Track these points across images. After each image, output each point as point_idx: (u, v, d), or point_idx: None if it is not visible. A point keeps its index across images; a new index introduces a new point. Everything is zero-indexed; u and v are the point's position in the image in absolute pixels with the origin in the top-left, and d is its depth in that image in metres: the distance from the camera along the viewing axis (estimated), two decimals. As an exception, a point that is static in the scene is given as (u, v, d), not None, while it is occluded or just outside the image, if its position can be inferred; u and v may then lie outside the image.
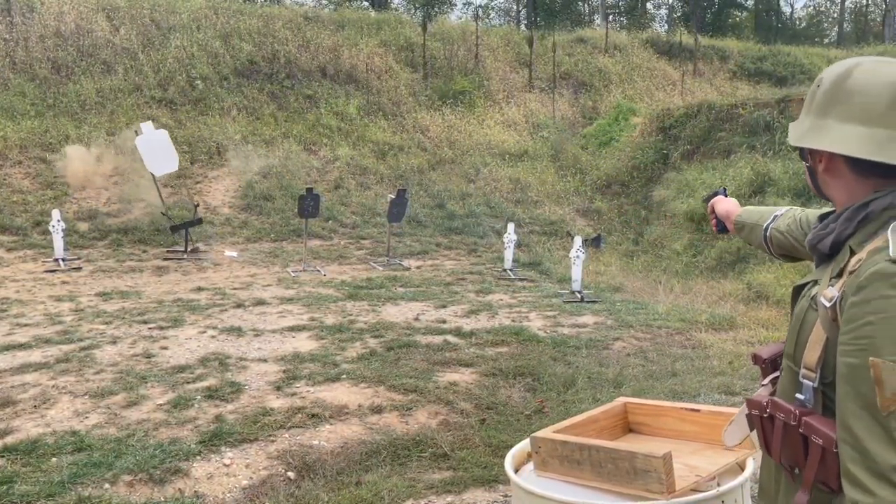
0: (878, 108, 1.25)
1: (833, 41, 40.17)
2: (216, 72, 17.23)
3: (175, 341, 6.74)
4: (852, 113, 1.28)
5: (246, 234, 13.02)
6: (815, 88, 1.38)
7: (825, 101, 1.33)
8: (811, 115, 1.36)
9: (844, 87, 1.30)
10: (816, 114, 1.35)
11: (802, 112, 1.41)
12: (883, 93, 1.25)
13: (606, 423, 2.01)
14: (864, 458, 1.13)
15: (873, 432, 1.12)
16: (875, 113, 1.25)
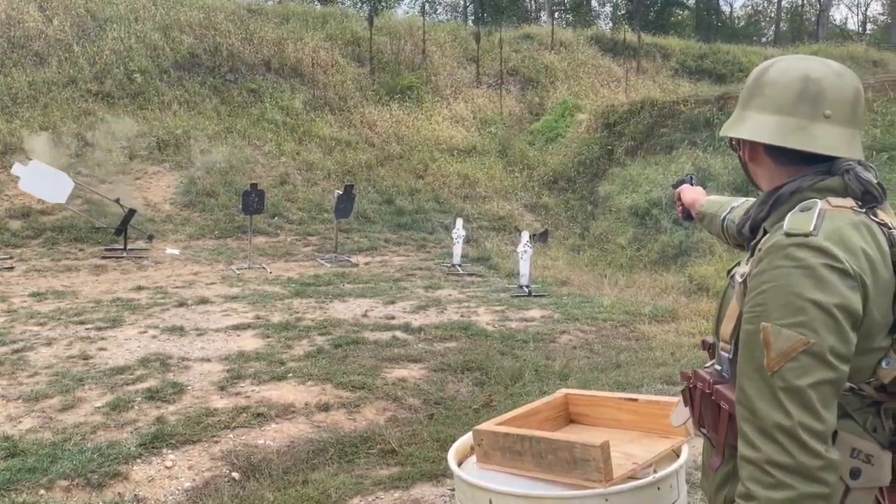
0: (788, 98, 1.35)
1: (770, 40, 41.45)
2: (156, 65, 16.77)
3: (114, 342, 6.55)
4: (766, 104, 1.38)
5: (188, 232, 12.72)
6: (744, 84, 1.48)
7: (747, 94, 1.44)
8: (738, 108, 1.46)
9: (762, 80, 1.41)
10: (741, 106, 1.45)
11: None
12: (793, 85, 1.36)
13: (548, 414, 2.03)
14: (752, 416, 1.21)
15: (761, 392, 1.20)
16: (785, 103, 1.35)
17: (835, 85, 1.36)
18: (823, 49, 26.68)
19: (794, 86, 1.36)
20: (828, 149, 1.33)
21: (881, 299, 1.26)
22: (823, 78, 1.36)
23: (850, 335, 1.20)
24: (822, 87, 1.35)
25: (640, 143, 16.63)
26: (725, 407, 1.36)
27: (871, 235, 1.29)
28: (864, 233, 1.28)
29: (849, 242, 1.25)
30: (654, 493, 1.66)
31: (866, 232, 1.28)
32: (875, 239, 1.29)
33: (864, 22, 49.45)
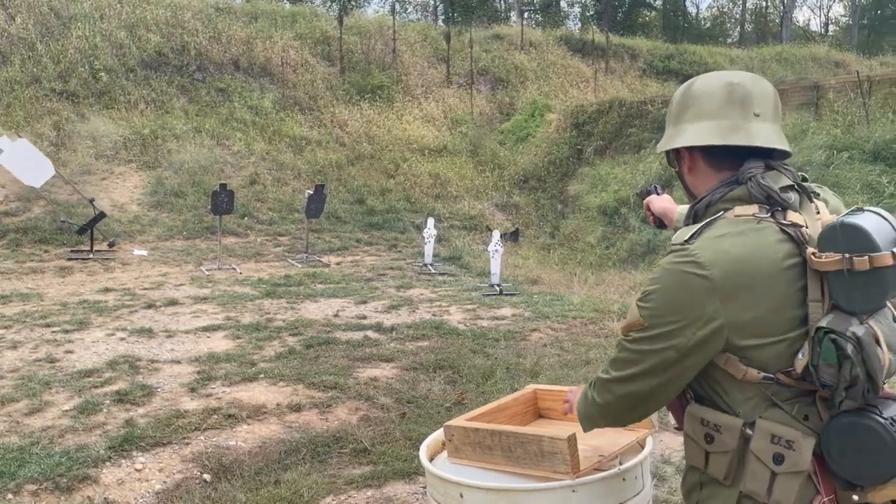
0: (717, 104, 1.49)
1: (735, 41, 42.15)
2: (121, 63, 16.53)
3: (81, 345, 6.46)
4: (699, 112, 1.51)
5: (156, 232, 12.57)
6: (670, 105, 1.60)
7: (677, 110, 1.56)
8: (669, 125, 1.58)
9: (688, 94, 1.55)
10: (672, 123, 1.57)
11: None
12: (719, 92, 1.50)
13: (517, 409, 2.08)
14: (604, 366, 1.52)
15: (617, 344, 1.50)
16: (716, 108, 1.49)
17: (756, 87, 1.49)
18: (787, 50, 27.25)
19: (720, 92, 1.49)
20: (766, 142, 1.46)
21: (769, 295, 1.36)
22: (745, 82, 1.49)
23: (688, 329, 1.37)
24: (746, 89, 1.48)
25: (608, 142, 16.84)
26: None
27: (762, 239, 1.38)
28: (750, 238, 1.38)
29: (722, 250, 1.37)
30: (620, 483, 1.71)
31: (755, 237, 1.38)
32: (765, 242, 1.38)
33: (826, 23, 50.56)
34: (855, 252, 1.31)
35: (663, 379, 1.42)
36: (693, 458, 1.50)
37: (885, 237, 1.32)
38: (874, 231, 1.32)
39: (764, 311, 1.37)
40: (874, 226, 1.33)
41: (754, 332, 1.38)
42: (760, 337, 1.38)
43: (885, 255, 1.29)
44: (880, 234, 1.32)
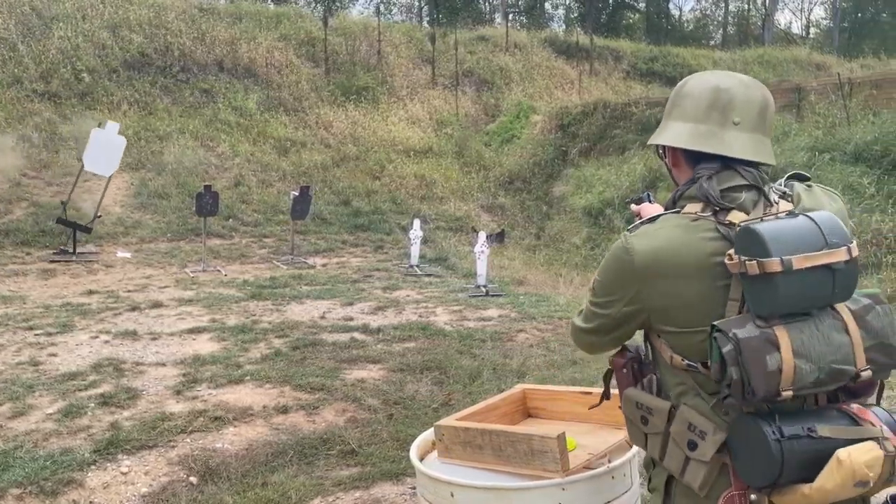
0: (701, 107, 1.52)
1: (718, 43, 42.49)
2: (104, 64, 16.39)
3: (65, 347, 6.40)
4: (683, 113, 1.54)
5: (140, 234, 12.47)
6: (669, 99, 1.63)
7: (669, 105, 1.59)
8: (663, 119, 1.62)
9: (681, 92, 1.58)
10: (665, 117, 1.60)
11: None
12: (704, 95, 1.52)
13: (507, 409, 2.09)
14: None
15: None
16: (699, 112, 1.52)
17: (743, 95, 1.51)
18: (769, 52, 27.51)
19: (706, 96, 1.52)
20: (737, 152, 1.48)
21: (689, 287, 1.43)
22: (732, 88, 1.51)
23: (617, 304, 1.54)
24: (731, 96, 1.50)
25: (593, 144, 16.92)
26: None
27: (691, 235, 1.44)
28: (678, 233, 1.46)
29: (649, 240, 1.48)
30: (609, 481, 1.72)
31: (683, 232, 1.45)
32: (693, 237, 1.44)
33: (807, 26, 51.08)
34: (748, 256, 1.33)
35: (608, 336, 1.63)
36: (635, 440, 1.61)
37: (789, 244, 1.32)
38: (773, 237, 1.32)
39: (683, 302, 1.44)
40: (778, 231, 1.34)
41: (673, 319, 1.46)
42: (680, 326, 1.46)
43: (774, 261, 1.30)
44: (783, 239, 1.32)
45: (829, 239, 1.34)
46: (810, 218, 1.37)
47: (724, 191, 1.47)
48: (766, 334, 1.32)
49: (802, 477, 1.31)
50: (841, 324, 1.36)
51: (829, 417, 1.36)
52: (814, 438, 1.32)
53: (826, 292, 1.34)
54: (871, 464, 1.28)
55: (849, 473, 1.27)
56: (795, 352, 1.31)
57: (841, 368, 1.33)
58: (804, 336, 1.33)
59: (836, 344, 1.34)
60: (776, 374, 1.31)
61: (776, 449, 1.30)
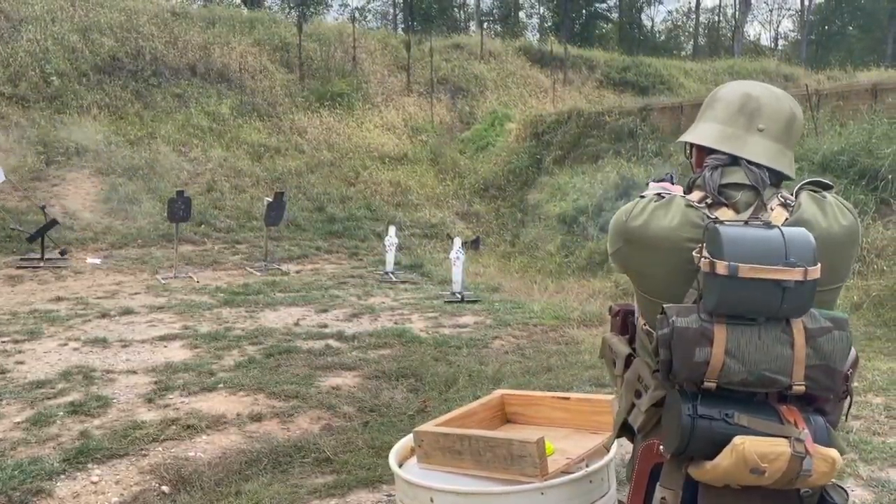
0: (730, 111, 1.60)
1: (689, 54, 43.14)
2: (74, 67, 16.15)
3: (32, 355, 6.27)
4: (714, 115, 1.63)
5: (110, 240, 12.28)
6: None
7: (703, 108, 1.69)
8: (696, 121, 1.70)
9: (716, 96, 1.67)
10: (697, 119, 1.69)
11: None
12: (734, 100, 1.61)
13: (485, 414, 2.09)
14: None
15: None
16: (728, 115, 1.60)
17: (771, 105, 1.58)
18: (739, 63, 28.00)
19: (736, 100, 1.60)
20: (751, 155, 1.55)
21: (663, 262, 1.53)
22: (762, 97, 1.59)
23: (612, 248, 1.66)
24: (759, 104, 1.58)
25: (567, 152, 17.05)
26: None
27: (681, 217, 1.52)
28: (671, 213, 1.54)
29: (646, 211, 1.57)
30: (587, 486, 1.74)
31: (675, 213, 1.53)
32: (681, 220, 1.52)
33: (776, 38, 52.12)
34: (708, 253, 1.40)
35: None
36: (610, 379, 1.80)
37: (744, 251, 1.36)
38: (731, 241, 1.37)
39: (654, 273, 1.57)
40: (738, 237, 1.38)
41: (644, 285, 1.60)
42: (647, 293, 1.59)
43: (722, 263, 1.36)
44: (741, 246, 1.37)
45: (790, 257, 1.36)
46: (781, 233, 1.39)
47: (724, 186, 1.53)
48: (704, 328, 1.39)
49: (712, 454, 1.39)
50: (788, 338, 1.39)
51: (753, 409, 1.41)
52: (729, 423, 1.39)
53: (772, 305, 1.37)
54: (770, 457, 1.34)
55: (740, 458, 1.34)
56: (728, 350, 1.38)
57: (772, 377, 1.39)
58: (742, 339, 1.38)
59: (773, 355, 1.38)
60: (702, 365, 1.39)
61: (686, 424, 1.39)
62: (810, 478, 1.36)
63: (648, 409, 1.56)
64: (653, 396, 1.55)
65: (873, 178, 10.28)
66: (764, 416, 1.40)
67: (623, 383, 1.65)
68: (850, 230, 1.53)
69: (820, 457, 1.36)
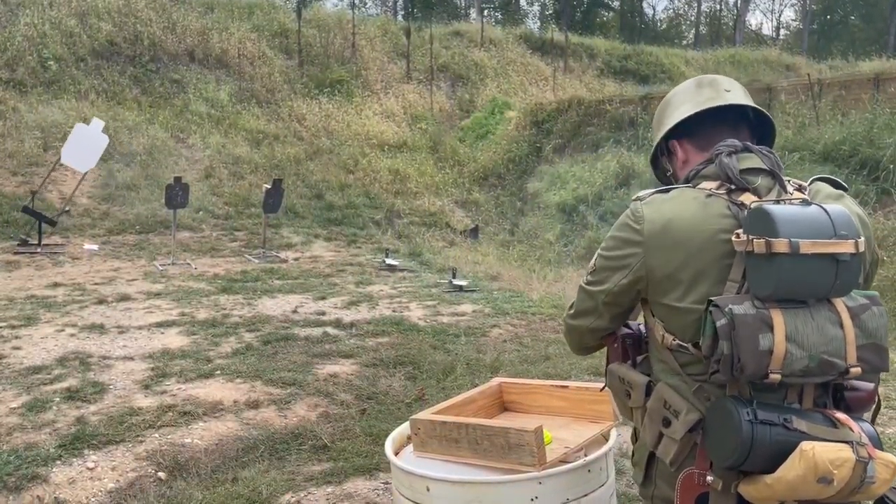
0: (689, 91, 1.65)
1: (690, 43, 42.94)
2: (71, 52, 16.04)
3: (29, 341, 6.25)
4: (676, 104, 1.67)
5: (107, 226, 12.24)
6: (653, 124, 1.79)
7: (658, 118, 1.73)
8: (655, 130, 1.76)
9: (665, 100, 1.73)
10: (657, 127, 1.74)
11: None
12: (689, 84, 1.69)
13: (483, 403, 2.07)
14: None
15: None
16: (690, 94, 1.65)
17: (722, 76, 1.68)
18: (740, 52, 27.86)
19: (691, 84, 1.67)
20: (738, 100, 1.60)
21: (692, 260, 1.44)
22: (710, 75, 1.69)
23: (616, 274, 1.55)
24: (713, 78, 1.66)
25: (567, 141, 17.00)
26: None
27: (703, 210, 1.46)
28: (691, 206, 1.47)
29: (659, 210, 1.50)
30: (585, 475, 1.71)
31: (696, 206, 1.47)
32: (705, 213, 1.45)
33: (777, 27, 51.88)
34: (757, 235, 1.34)
35: (601, 318, 1.62)
36: (622, 412, 1.65)
37: (799, 227, 1.33)
38: (785, 219, 1.33)
39: (683, 275, 1.45)
40: (789, 214, 1.35)
41: (670, 293, 1.47)
42: (675, 301, 1.46)
43: (782, 241, 1.31)
44: (794, 223, 1.33)
45: (839, 230, 1.34)
46: (823, 208, 1.37)
47: (742, 172, 1.49)
48: (761, 314, 1.33)
49: (770, 467, 1.31)
50: (836, 317, 1.35)
51: (808, 415, 1.36)
52: (788, 429, 1.31)
53: (827, 282, 1.33)
54: (837, 462, 1.27)
55: (810, 466, 1.26)
56: (788, 336, 1.32)
57: (831, 360, 1.33)
58: (798, 322, 1.33)
59: (828, 335, 1.33)
60: (766, 354, 1.31)
61: (747, 430, 1.31)
62: (873, 485, 1.28)
63: (683, 437, 1.44)
64: (686, 421, 1.44)
65: (874, 168, 10.24)
66: (818, 420, 1.34)
67: (644, 414, 1.54)
68: (864, 220, 1.52)
69: (881, 462, 1.29)
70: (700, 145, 1.60)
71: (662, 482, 1.54)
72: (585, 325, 1.66)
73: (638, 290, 1.55)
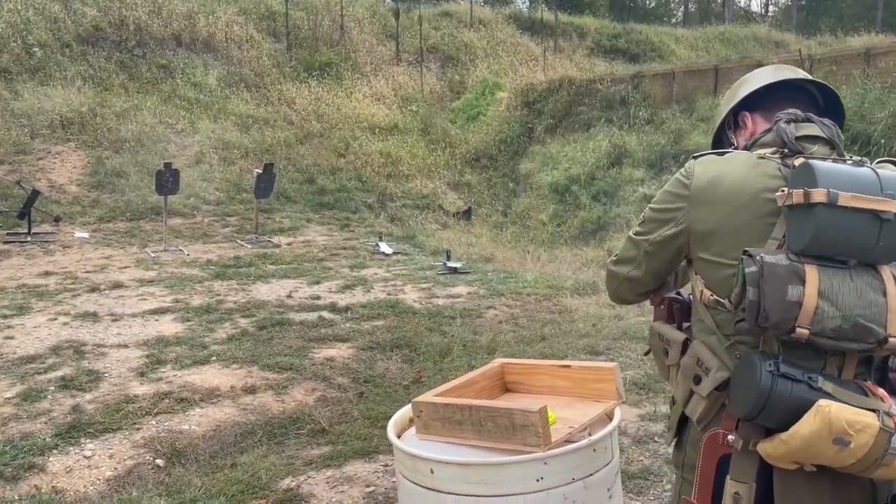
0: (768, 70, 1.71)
1: (679, 21, 42.70)
2: (56, 38, 15.81)
3: (22, 330, 6.20)
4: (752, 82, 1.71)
5: (98, 214, 12.14)
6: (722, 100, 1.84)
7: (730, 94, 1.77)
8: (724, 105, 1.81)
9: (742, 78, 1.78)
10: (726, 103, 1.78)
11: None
12: (768, 67, 1.74)
13: (485, 384, 2.06)
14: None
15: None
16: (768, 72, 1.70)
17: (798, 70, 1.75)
18: (729, 30, 27.74)
19: (770, 67, 1.74)
20: (808, 76, 1.69)
21: (736, 216, 1.45)
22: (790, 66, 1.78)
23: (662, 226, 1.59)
24: (793, 67, 1.76)
25: (558, 121, 16.93)
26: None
27: (753, 169, 1.48)
28: (741, 166, 1.49)
29: (709, 167, 1.53)
30: (591, 454, 1.70)
31: (747, 165, 1.49)
32: (755, 172, 1.47)
33: (766, 4, 51.64)
34: (798, 187, 1.34)
35: (643, 267, 1.65)
36: (661, 373, 1.70)
37: (841, 181, 1.31)
38: (826, 172, 1.32)
39: (726, 229, 1.46)
40: (832, 169, 1.33)
41: (711, 246, 1.48)
42: (716, 255, 1.47)
43: (819, 191, 1.29)
44: (836, 176, 1.32)
45: (886, 189, 1.31)
46: (874, 170, 1.35)
47: (799, 138, 1.49)
48: (794, 266, 1.31)
49: (789, 425, 1.28)
50: (880, 284, 1.32)
51: (839, 381, 1.33)
52: (812, 388, 1.29)
53: (869, 241, 1.30)
54: (857, 426, 1.23)
55: (825, 423, 1.23)
56: (821, 292, 1.29)
57: (867, 326, 1.29)
58: (835, 281, 1.30)
59: (867, 300, 1.30)
60: (794, 306, 1.29)
61: (766, 380, 1.29)
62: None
63: (710, 394, 1.44)
64: (715, 378, 1.43)
65: (866, 144, 10.24)
66: (846, 386, 1.32)
67: (679, 371, 1.55)
68: None
69: None
70: (768, 118, 1.61)
71: (691, 449, 1.54)
72: (623, 272, 1.69)
73: (679, 245, 1.57)
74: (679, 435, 1.62)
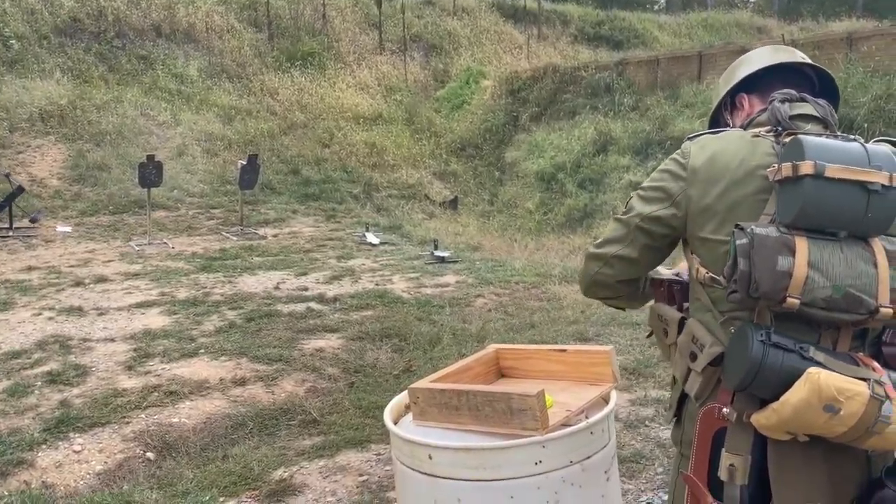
0: (766, 54, 1.72)
1: (662, 7, 42.77)
2: (34, 30, 15.57)
3: (6, 326, 6.13)
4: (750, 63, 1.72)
5: (80, 208, 12.01)
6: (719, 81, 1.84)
7: (727, 75, 1.77)
8: (723, 85, 1.81)
9: (740, 59, 1.78)
10: (725, 82, 1.78)
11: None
12: (765, 48, 1.76)
13: (480, 369, 2.05)
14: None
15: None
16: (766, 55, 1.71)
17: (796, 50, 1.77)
18: (712, 16, 27.83)
19: (767, 48, 1.75)
20: (809, 59, 1.70)
21: (731, 193, 1.46)
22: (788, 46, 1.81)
23: (654, 203, 1.58)
24: (790, 47, 1.78)
25: (543, 108, 16.92)
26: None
27: (747, 147, 1.49)
28: (736, 144, 1.51)
29: (705, 146, 1.55)
30: (588, 437, 1.70)
31: (741, 143, 1.51)
32: (749, 150, 1.49)
33: (748, -9, 51.77)
34: (786, 161, 1.35)
35: (628, 246, 1.62)
36: (663, 354, 1.70)
37: (828, 153, 1.32)
38: (814, 145, 1.33)
39: (722, 206, 1.47)
40: (820, 142, 1.35)
41: (706, 224, 1.49)
42: (711, 232, 1.48)
43: (807, 163, 1.31)
44: (824, 149, 1.33)
45: (873, 161, 1.32)
46: (862, 144, 1.36)
47: (793, 117, 1.51)
48: (784, 238, 1.32)
49: (781, 395, 1.29)
50: (871, 256, 1.33)
51: (830, 351, 1.34)
52: (803, 357, 1.30)
53: (857, 213, 1.31)
54: (847, 393, 1.24)
55: (814, 390, 1.24)
56: (811, 263, 1.30)
57: (858, 296, 1.30)
58: (825, 252, 1.32)
59: (857, 270, 1.31)
60: (785, 275, 1.30)
61: (757, 350, 1.30)
62: (889, 426, 1.24)
63: (706, 370, 1.46)
64: (709, 353, 1.45)
65: (849, 128, 10.32)
66: (839, 357, 1.33)
67: (676, 349, 1.57)
68: None
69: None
70: (763, 99, 1.62)
71: (689, 425, 1.56)
72: (610, 251, 1.64)
73: (673, 227, 1.56)
74: (679, 413, 1.63)
